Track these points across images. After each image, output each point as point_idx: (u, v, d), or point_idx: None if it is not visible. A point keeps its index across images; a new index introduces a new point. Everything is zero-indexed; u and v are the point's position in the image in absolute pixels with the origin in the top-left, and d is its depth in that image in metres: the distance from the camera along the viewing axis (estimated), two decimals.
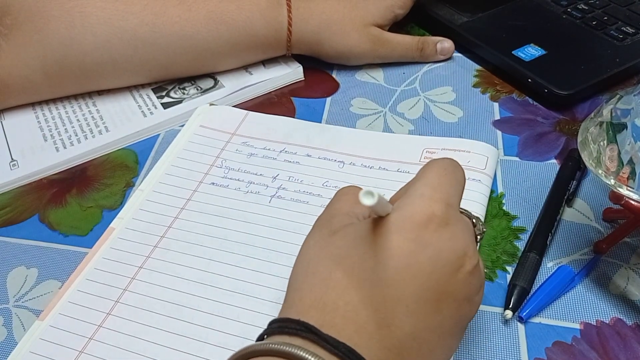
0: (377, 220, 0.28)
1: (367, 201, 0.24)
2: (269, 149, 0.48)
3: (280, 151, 0.48)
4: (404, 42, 0.57)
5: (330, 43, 0.55)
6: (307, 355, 0.25)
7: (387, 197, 0.36)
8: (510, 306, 0.37)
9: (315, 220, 0.32)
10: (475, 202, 0.42)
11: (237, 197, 0.44)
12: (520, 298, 0.37)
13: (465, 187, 0.42)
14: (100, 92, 0.55)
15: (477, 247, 0.32)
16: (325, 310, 0.27)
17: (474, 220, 0.32)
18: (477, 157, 0.45)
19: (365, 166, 0.46)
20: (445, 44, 0.58)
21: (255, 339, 0.28)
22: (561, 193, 0.43)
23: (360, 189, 0.32)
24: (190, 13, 0.51)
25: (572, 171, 0.45)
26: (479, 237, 0.32)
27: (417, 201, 0.29)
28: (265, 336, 0.28)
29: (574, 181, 0.44)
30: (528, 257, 0.39)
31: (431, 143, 0.47)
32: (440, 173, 0.30)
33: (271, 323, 0.28)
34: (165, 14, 0.51)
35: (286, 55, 0.56)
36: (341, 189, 0.34)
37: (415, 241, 0.27)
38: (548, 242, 0.40)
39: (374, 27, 0.56)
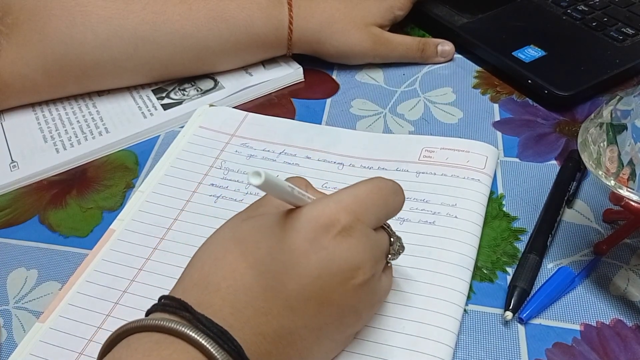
0: (288, 212, 0.29)
1: (254, 181, 0.25)
2: (268, 151, 0.48)
3: (280, 153, 0.48)
4: (405, 42, 0.57)
5: (331, 42, 0.55)
6: (182, 329, 0.26)
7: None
8: (511, 307, 0.36)
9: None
10: (474, 201, 0.42)
11: (237, 199, 0.44)
12: (520, 299, 0.37)
13: (464, 186, 0.43)
14: (100, 93, 0.55)
15: (386, 264, 0.33)
16: (206, 290, 0.28)
17: (392, 239, 0.32)
18: (476, 157, 0.45)
19: (364, 167, 0.46)
20: (446, 46, 0.58)
21: None
22: (561, 194, 0.43)
23: (305, 180, 0.33)
24: (191, 12, 0.51)
25: (572, 172, 0.45)
26: (390, 255, 0.33)
27: (330, 204, 0.29)
28: (150, 313, 0.29)
29: (574, 182, 0.44)
30: (528, 258, 0.39)
31: (430, 142, 0.47)
32: (372, 190, 0.31)
33: (160, 298, 0.29)
34: (166, 13, 0.51)
35: (287, 54, 0.56)
36: (288, 178, 0.34)
37: (312, 242, 0.28)
38: (548, 244, 0.40)
39: (374, 26, 0.56)
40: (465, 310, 0.37)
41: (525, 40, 0.57)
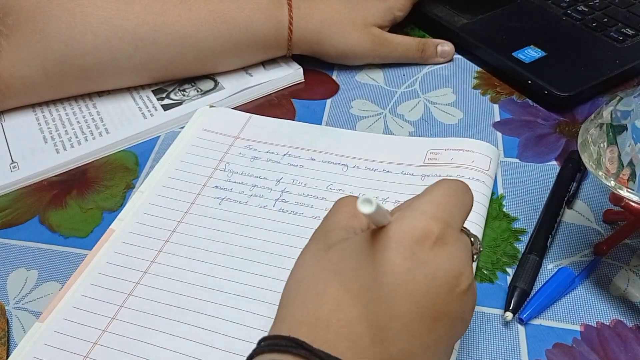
0: (374, 233, 0.28)
1: (365, 209, 0.24)
2: (272, 153, 0.48)
3: (284, 155, 0.48)
4: (405, 42, 0.57)
5: (331, 42, 0.55)
6: None
7: (391, 202, 0.36)
8: (511, 308, 0.36)
9: (312, 233, 0.32)
10: (477, 202, 0.42)
11: (241, 201, 0.44)
12: (520, 300, 0.37)
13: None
14: (100, 94, 0.55)
15: (474, 266, 0.31)
16: (317, 326, 0.27)
17: (472, 239, 0.31)
18: (480, 157, 0.45)
19: (369, 169, 0.46)
20: (446, 46, 0.58)
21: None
22: (561, 195, 0.43)
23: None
24: (191, 12, 0.51)
25: (572, 173, 0.45)
26: (475, 256, 0.32)
27: (418, 216, 0.28)
28: (255, 355, 0.27)
29: (574, 182, 0.44)
30: (528, 259, 0.39)
31: (435, 144, 0.47)
32: (447, 193, 0.30)
33: (261, 341, 0.27)
34: (166, 13, 0.51)
35: (287, 55, 0.56)
36: (339, 199, 0.33)
37: (412, 259, 0.27)
38: (548, 244, 0.40)
39: (374, 27, 0.56)
40: None
41: (525, 41, 0.57)
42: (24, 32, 0.49)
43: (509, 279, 0.39)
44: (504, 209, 0.44)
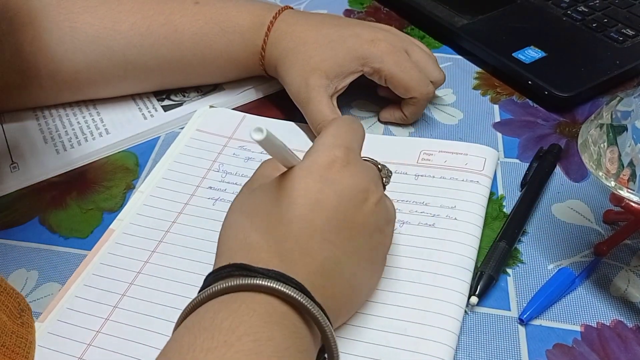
0: (289, 170, 0.33)
1: (257, 136, 0.28)
2: (266, 153, 0.48)
3: None
4: (316, 114, 0.48)
5: (282, 71, 0.50)
6: (245, 281, 0.28)
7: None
8: (477, 293, 0.37)
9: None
10: (473, 203, 0.42)
11: None
12: (486, 285, 0.38)
13: (463, 188, 0.43)
14: None
15: (383, 188, 0.36)
16: (250, 250, 0.31)
17: (379, 166, 0.37)
18: (474, 159, 0.45)
19: None
20: None
21: None
22: (537, 186, 0.44)
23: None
24: (176, 34, 0.50)
25: (550, 166, 0.45)
26: (384, 179, 0.37)
27: (319, 148, 0.33)
28: (203, 289, 0.30)
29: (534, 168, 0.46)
30: (498, 246, 0.40)
31: (428, 145, 0.47)
32: (339, 126, 0.35)
33: (206, 278, 0.31)
34: (152, 35, 0.50)
35: (265, 76, 0.54)
36: (265, 160, 0.38)
37: (321, 180, 0.32)
38: (519, 232, 0.41)
39: (321, 76, 0.48)
40: (465, 311, 0.37)
41: (526, 41, 0.57)
42: (17, 41, 0.48)
43: (509, 279, 0.39)
44: (504, 210, 0.44)
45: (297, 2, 0.69)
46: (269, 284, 0.28)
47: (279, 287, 0.28)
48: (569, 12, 0.61)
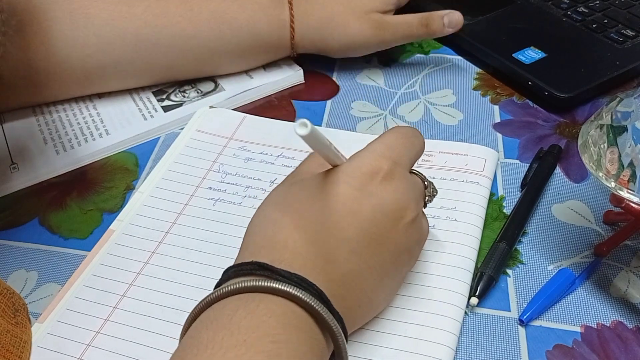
0: (329, 170, 0.32)
1: (301, 131, 0.26)
2: (266, 154, 0.48)
3: (278, 156, 0.48)
4: (406, 21, 0.54)
5: (333, 37, 0.54)
6: (266, 283, 0.28)
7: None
8: (477, 294, 0.37)
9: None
10: (473, 203, 0.42)
11: (235, 202, 0.44)
12: (486, 286, 0.38)
13: (463, 189, 0.43)
14: (101, 95, 0.55)
15: (424, 205, 0.35)
16: (275, 248, 0.30)
17: (425, 183, 0.35)
18: (474, 160, 0.45)
19: None
20: (454, 15, 0.54)
21: None
22: (538, 187, 0.44)
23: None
24: (192, 13, 0.51)
25: (550, 167, 0.45)
26: (427, 197, 0.35)
27: (367, 155, 0.32)
28: (222, 282, 0.30)
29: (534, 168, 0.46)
30: (498, 246, 0.40)
31: (428, 146, 0.47)
32: (397, 136, 0.34)
33: (226, 270, 0.30)
34: (167, 15, 0.50)
35: (291, 56, 0.55)
36: (311, 153, 0.36)
37: (360, 190, 0.31)
38: (519, 233, 0.41)
39: (375, 13, 0.53)
40: (465, 312, 0.37)
41: (526, 42, 0.57)
42: (27, 34, 0.49)
43: (510, 280, 0.39)
44: (504, 210, 0.44)
45: None
46: (289, 290, 0.28)
47: (299, 295, 0.28)
48: (569, 12, 0.61)
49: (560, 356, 0.35)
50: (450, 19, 0.54)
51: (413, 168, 0.35)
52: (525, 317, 0.37)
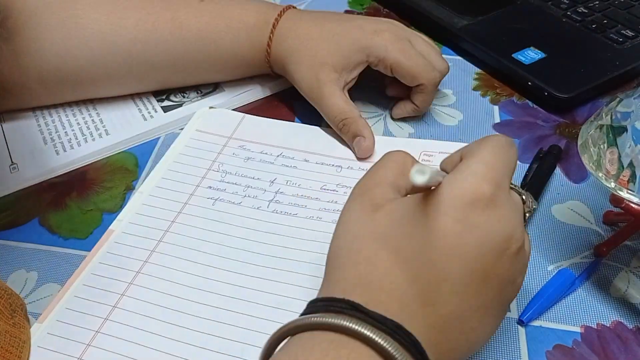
0: (425, 197, 0.28)
1: (419, 180, 0.24)
2: (266, 153, 0.48)
3: (278, 155, 0.48)
4: (332, 109, 0.48)
5: (290, 69, 0.50)
6: (359, 328, 0.25)
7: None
8: None
9: (355, 187, 0.32)
10: None
11: (235, 201, 0.44)
12: None
13: None
14: None
15: (525, 224, 0.31)
16: (370, 288, 0.28)
17: (523, 197, 0.31)
18: None
19: (363, 170, 0.46)
20: (364, 142, 0.47)
21: (259, 346, 0.28)
22: (538, 187, 0.44)
23: (410, 157, 0.32)
24: (182, 31, 0.50)
25: (550, 167, 0.46)
26: (527, 214, 0.32)
27: (469, 178, 0.28)
28: (309, 314, 0.27)
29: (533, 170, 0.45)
30: None
31: (429, 146, 0.47)
32: (495, 151, 0.30)
33: (314, 301, 0.28)
34: (157, 31, 0.50)
35: (270, 74, 0.54)
36: (388, 153, 0.33)
37: (463, 222, 0.27)
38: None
39: (330, 70, 0.48)
40: None
41: (525, 42, 0.57)
42: (21, 39, 0.49)
43: None
44: None
45: (298, 3, 0.69)
46: (382, 342, 0.25)
47: (390, 349, 0.25)
48: (568, 13, 0.61)
49: (560, 356, 0.35)
50: (359, 144, 0.47)
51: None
52: (525, 317, 0.37)
